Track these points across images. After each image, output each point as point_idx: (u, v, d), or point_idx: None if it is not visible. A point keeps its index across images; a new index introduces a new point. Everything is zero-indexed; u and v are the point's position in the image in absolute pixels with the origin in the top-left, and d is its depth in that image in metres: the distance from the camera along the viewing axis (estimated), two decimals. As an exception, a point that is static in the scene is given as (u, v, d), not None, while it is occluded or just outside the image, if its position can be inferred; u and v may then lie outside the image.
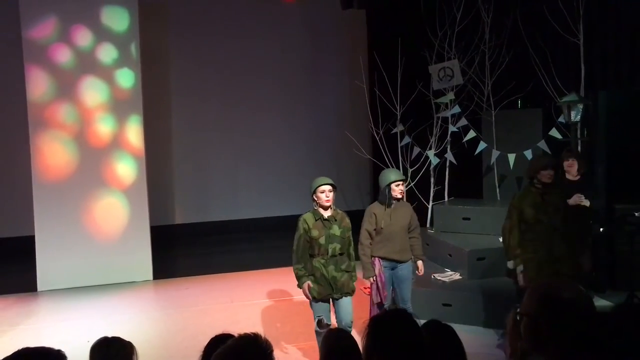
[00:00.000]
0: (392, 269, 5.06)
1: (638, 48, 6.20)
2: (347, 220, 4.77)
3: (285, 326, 5.91)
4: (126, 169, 7.92)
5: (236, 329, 2.28)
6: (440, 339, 2.45)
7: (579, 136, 6.54)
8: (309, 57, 10.63)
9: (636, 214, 5.64)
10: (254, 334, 1.92)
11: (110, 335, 2.78)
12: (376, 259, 5.01)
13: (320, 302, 4.66)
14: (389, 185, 4.92)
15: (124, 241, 7.87)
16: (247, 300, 6.83)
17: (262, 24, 10.27)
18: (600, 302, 6.15)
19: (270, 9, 10.12)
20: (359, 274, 4.94)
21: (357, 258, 5.06)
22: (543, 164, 4.88)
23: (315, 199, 4.65)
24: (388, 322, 2.20)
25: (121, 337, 2.76)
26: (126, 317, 6.43)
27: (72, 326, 6.14)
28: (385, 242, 4.99)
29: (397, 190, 4.93)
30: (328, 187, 4.63)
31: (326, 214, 4.66)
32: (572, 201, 5.52)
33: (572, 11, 6.48)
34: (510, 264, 4.91)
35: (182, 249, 9.58)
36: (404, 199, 5.34)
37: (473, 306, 5.76)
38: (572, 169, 5.71)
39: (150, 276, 7.94)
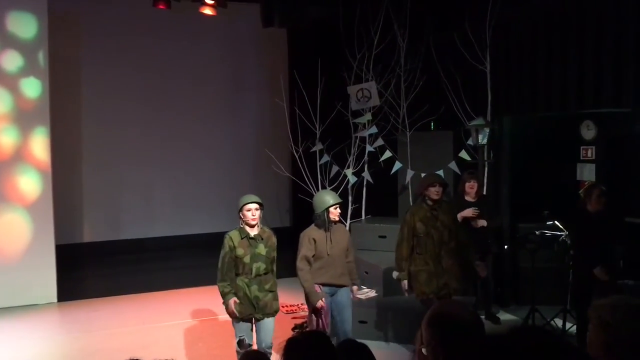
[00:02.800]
0: (332, 294, 4.93)
1: (538, 77, 6.68)
2: (274, 240, 4.71)
3: (200, 348, 5.75)
4: (30, 183, 7.45)
5: (147, 353, 2.19)
6: (354, 358, 2.48)
7: (485, 158, 6.93)
8: (230, 73, 10.56)
9: (537, 232, 6.03)
10: None
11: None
12: (317, 286, 4.83)
13: (241, 322, 4.58)
14: (327, 209, 4.84)
15: (26, 261, 7.36)
16: (159, 322, 6.58)
17: (181, 38, 10.09)
18: (505, 316, 6.49)
19: (190, 22, 9.96)
20: (298, 301, 4.79)
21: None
22: (431, 181, 5.14)
23: (242, 216, 4.59)
24: (303, 343, 2.20)
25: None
26: (28, 342, 6.00)
27: (-36, 355, 5.65)
28: (327, 267, 4.86)
29: (335, 213, 4.87)
30: (255, 206, 4.57)
31: (252, 232, 4.60)
32: (464, 214, 5.90)
33: (480, 40, 6.90)
34: (394, 274, 5.18)
35: (90, 269, 9.11)
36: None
37: (388, 323, 5.88)
38: (472, 191, 6.14)
39: (54, 298, 7.47)
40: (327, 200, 4.88)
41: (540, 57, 6.63)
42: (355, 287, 5.11)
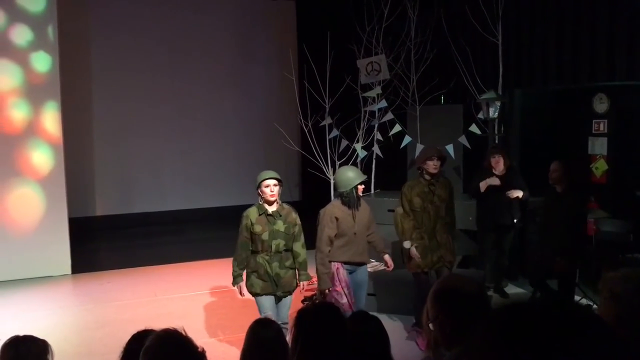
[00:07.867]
0: (351, 272, 4.82)
1: (550, 50, 6.59)
2: (294, 216, 4.57)
3: (211, 319, 5.85)
4: (42, 157, 7.51)
5: (159, 324, 2.24)
6: (365, 329, 2.52)
7: (496, 132, 6.88)
8: (239, 47, 10.50)
9: (546, 206, 6.00)
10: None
11: (23, 333, 2.64)
12: (339, 264, 4.72)
13: (264, 296, 4.52)
14: (355, 187, 4.67)
15: (40, 234, 7.47)
16: (171, 294, 6.69)
17: (190, 10, 10.01)
18: (512, 290, 6.53)
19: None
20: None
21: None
22: (429, 154, 5.03)
23: (260, 193, 4.46)
24: (313, 313, 2.24)
25: (35, 334, 2.64)
26: (42, 313, 6.12)
27: (-18, 325, 5.77)
28: (349, 245, 4.73)
29: (361, 189, 4.76)
30: (273, 182, 4.44)
31: (271, 209, 4.47)
32: (489, 181, 5.96)
33: (492, 12, 6.78)
34: (406, 244, 5.05)
35: (103, 242, 9.23)
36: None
37: (396, 296, 5.93)
38: (498, 166, 6.07)
39: (68, 270, 7.60)
40: (354, 178, 4.70)
41: (552, 29, 6.52)
42: (387, 257, 4.95)
